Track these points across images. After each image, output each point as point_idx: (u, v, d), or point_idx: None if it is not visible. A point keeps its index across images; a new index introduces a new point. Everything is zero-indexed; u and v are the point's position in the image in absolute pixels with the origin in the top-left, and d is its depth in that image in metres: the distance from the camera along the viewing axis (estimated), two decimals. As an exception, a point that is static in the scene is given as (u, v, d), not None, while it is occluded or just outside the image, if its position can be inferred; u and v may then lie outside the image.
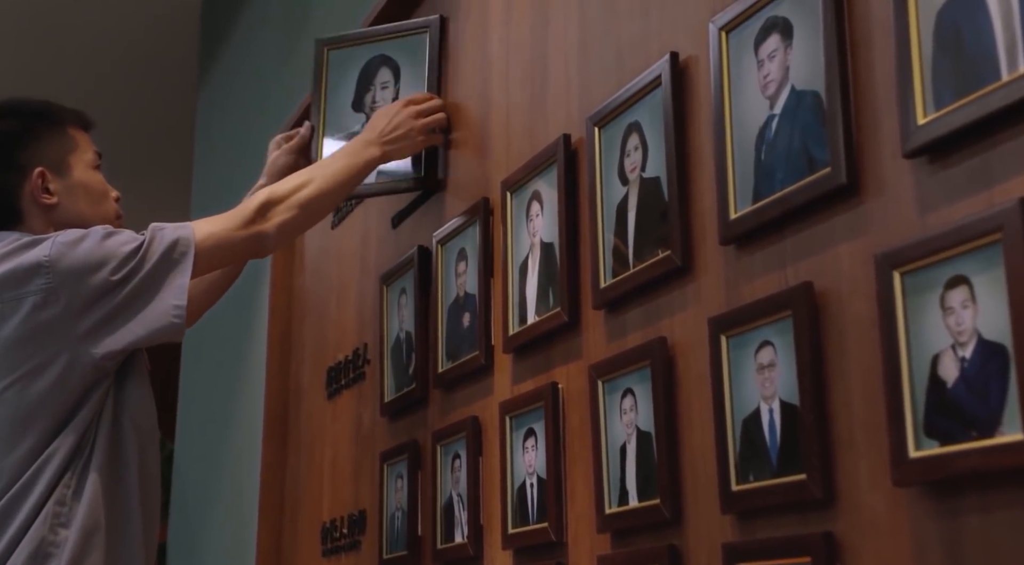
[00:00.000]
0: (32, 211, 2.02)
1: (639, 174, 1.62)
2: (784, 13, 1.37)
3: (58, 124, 2.09)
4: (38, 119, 2.08)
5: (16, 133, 2.05)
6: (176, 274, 1.91)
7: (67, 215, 2.03)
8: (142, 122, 5.70)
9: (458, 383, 2.12)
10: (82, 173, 2.06)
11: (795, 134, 1.33)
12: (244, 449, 3.37)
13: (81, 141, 2.10)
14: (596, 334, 1.70)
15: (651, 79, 1.61)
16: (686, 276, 1.51)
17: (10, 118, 2.08)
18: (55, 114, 2.10)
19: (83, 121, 2.14)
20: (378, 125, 2.17)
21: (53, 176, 2.03)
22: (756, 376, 1.34)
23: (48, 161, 2.03)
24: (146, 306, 1.89)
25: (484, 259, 2.04)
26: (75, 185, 2.05)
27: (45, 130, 2.06)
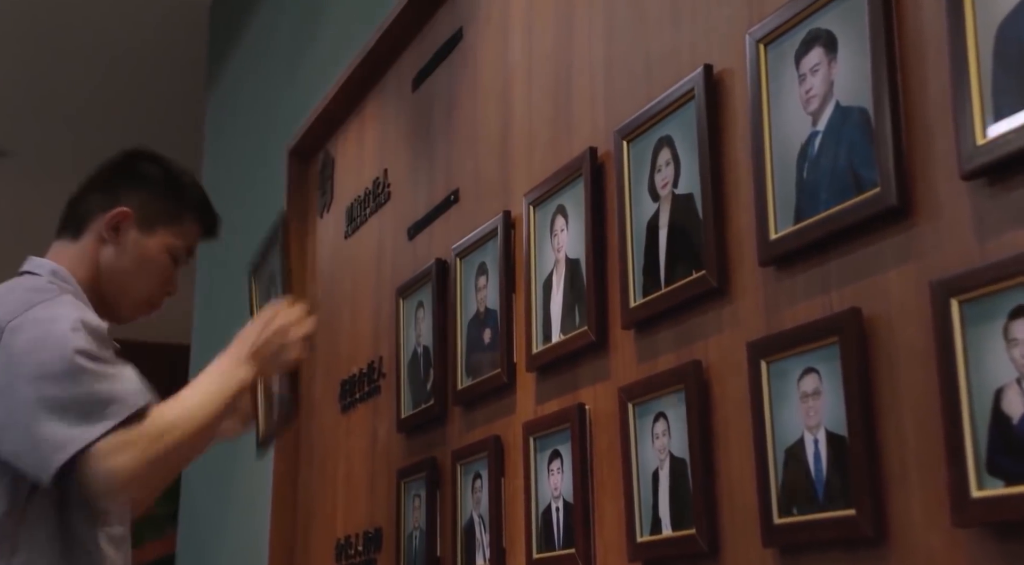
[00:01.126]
0: (92, 237, 1.92)
1: (671, 190, 1.57)
2: (827, 25, 1.32)
3: (182, 200, 1.97)
4: (171, 184, 1.97)
5: (141, 176, 1.95)
6: (75, 438, 1.66)
7: (111, 266, 1.92)
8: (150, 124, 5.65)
9: (478, 401, 2.06)
10: (158, 247, 1.94)
11: (840, 152, 1.27)
12: (255, 460, 3.31)
13: (186, 229, 1.98)
14: (625, 355, 1.65)
15: (684, 92, 1.55)
16: (722, 298, 1.46)
17: (154, 165, 1.99)
18: (189, 193, 1.99)
19: (208, 221, 2.02)
20: (248, 339, 1.91)
21: (133, 226, 1.92)
22: (799, 404, 1.29)
23: (141, 212, 1.92)
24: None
25: (506, 274, 1.99)
26: (142, 250, 1.93)
27: (166, 194, 1.96)
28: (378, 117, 2.77)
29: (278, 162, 3.41)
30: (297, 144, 3.22)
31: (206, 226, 2.03)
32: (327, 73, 3.09)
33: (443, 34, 2.42)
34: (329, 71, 3.07)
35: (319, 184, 3.15)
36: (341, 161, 3.01)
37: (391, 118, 2.67)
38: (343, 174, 2.98)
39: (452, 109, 2.33)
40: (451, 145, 2.32)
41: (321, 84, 3.11)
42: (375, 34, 2.66)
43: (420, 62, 2.52)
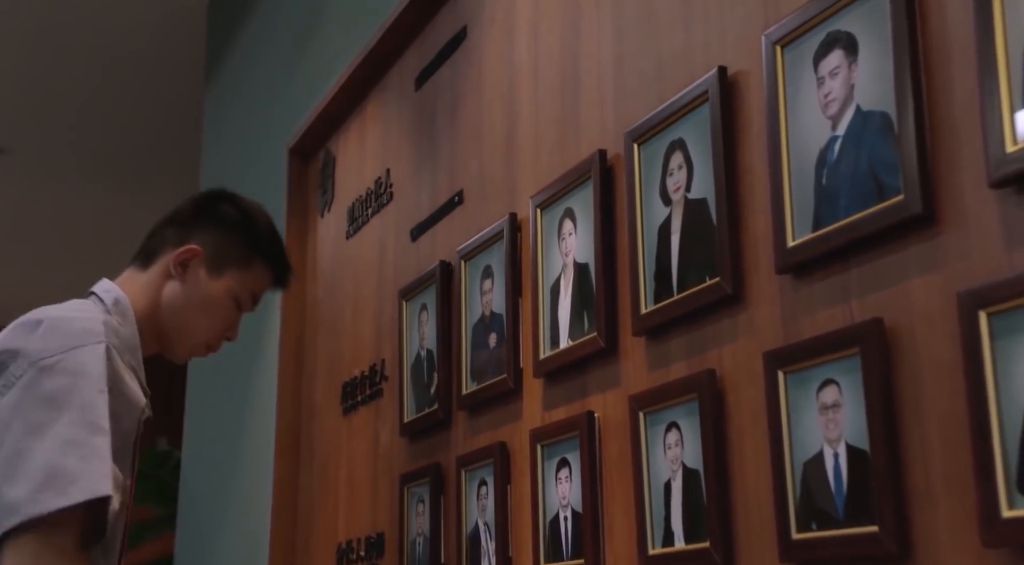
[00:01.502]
0: (159, 270, 1.84)
1: (683, 194, 1.54)
2: (847, 27, 1.28)
3: (254, 247, 1.89)
4: (245, 228, 1.89)
5: (217, 216, 1.88)
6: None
7: (173, 303, 1.83)
8: (149, 123, 5.61)
9: (484, 406, 2.03)
10: (223, 290, 1.86)
11: (861, 158, 1.24)
12: (255, 462, 3.28)
13: (255, 275, 1.89)
14: (636, 362, 1.62)
15: (697, 94, 1.52)
16: (737, 305, 1.42)
17: (232, 207, 1.91)
18: (262, 240, 1.91)
19: (279, 270, 1.94)
20: None
21: (201, 265, 1.84)
22: (818, 416, 1.25)
23: (211, 252, 1.85)
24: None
25: (512, 277, 1.95)
26: (207, 291, 1.85)
27: (239, 237, 1.87)
28: (380, 116, 2.73)
29: (278, 161, 3.37)
30: (297, 143, 3.19)
31: (276, 275, 1.94)
32: (328, 71, 3.05)
33: (446, 33, 2.38)
34: (330, 69, 3.04)
35: (320, 183, 3.11)
36: (342, 160, 2.97)
37: (393, 117, 2.64)
38: (344, 173, 2.95)
39: (456, 109, 2.30)
40: (455, 145, 2.28)
41: (322, 82, 3.07)
42: (377, 32, 2.63)
43: (423, 61, 2.48)
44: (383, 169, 2.66)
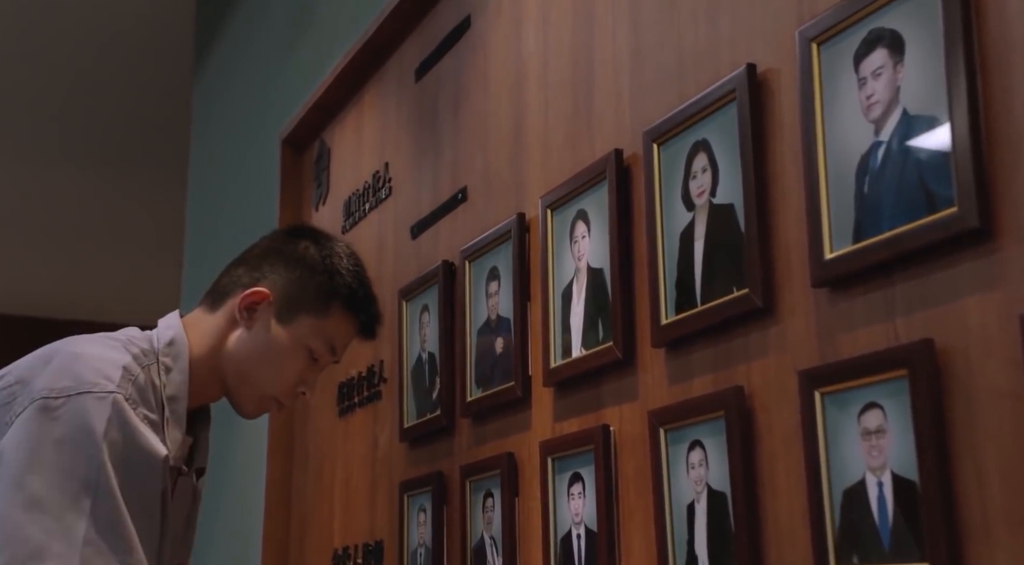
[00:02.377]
0: (226, 312, 1.66)
1: (708, 199, 1.45)
2: (892, 24, 1.20)
3: (334, 291, 1.67)
4: (325, 269, 1.67)
5: (293, 255, 1.68)
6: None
7: (236, 352, 1.65)
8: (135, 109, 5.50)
9: (490, 414, 1.94)
10: (293, 339, 1.65)
11: (908, 166, 1.15)
12: (247, 463, 3.19)
13: (333, 324, 1.67)
14: (655, 375, 1.53)
15: (724, 93, 1.43)
16: (767, 319, 1.34)
17: (312, 245, 1.70)
18: (343, 281, 1.68)
19: (364, 319, 1.71)
20: None
21: (270, 310, 1.65)
22: (860, 442, 1.17)
23: (282, 296, 1.65)
24: None
25: (520, 280, 1.87)
26: (275, 340, 1.65)
27: (317, 279, 1.67)
28: (378, 107, 2.64)
29: (271, 151, 3.28)
30: (291, 133, 3.09)
31: (361, 325, 1.71)
32: (323, 59, 2.96)
33: (449, 22, 2.29)
34: (325, 57, 2.94)
35: (314, 175, 3.02)
36: (338, 152, 2.88)
37: (392, 109, 2.54)
38: (340, 166, 2.85)
39: (459, 102, 2.20)
40: (458, 140, 2.19)
41: (317, 70, 2.98)
42: (376, 19, 2.53)
43: (424, 51, 2.39)
44: (381, 163, 2.56)
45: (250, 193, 3.57)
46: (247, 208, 3.61)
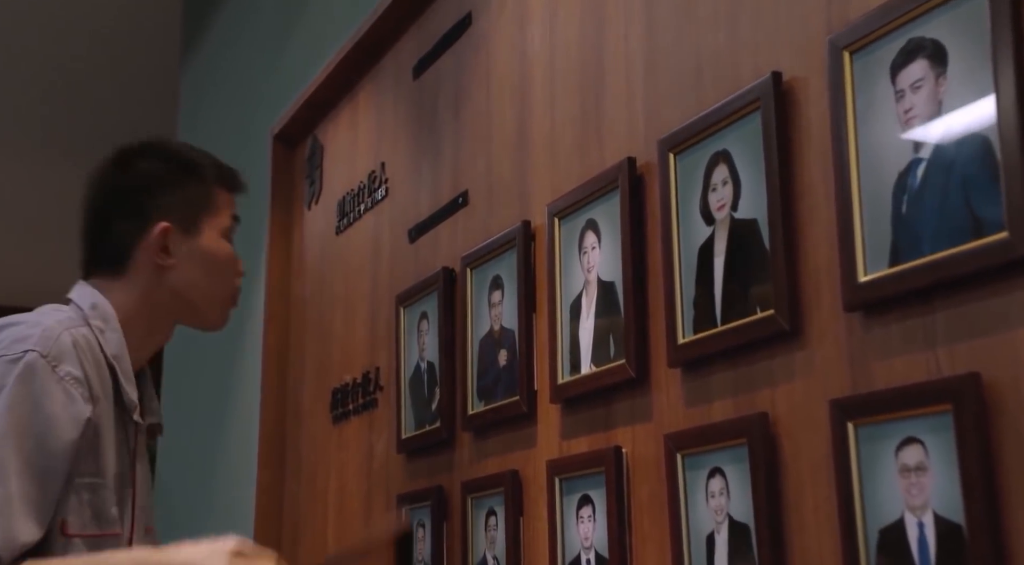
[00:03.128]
0: (142, 267, 1.69)
1: (729, 213, 1.38)
2: (932, 34, 1.13)
3: (202, 178, 1.75)
4: (181, 168, 1.75)
5: (152, 177, 1.73)
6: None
7: (179, 281, 1.70)
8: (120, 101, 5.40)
9: (492, 428, 1.87)
10: (212, 239, 1.73)
11: (952, 186, 1.08)
12: (237, 468, 3.12)
13: (221, 202, 1.76)
14: (671, 396, 1.46)
15: (746, 102, 1.36)
16: (794, 342, 1.27)
17: (152, 160, 1.75)
18: (201, 167, 1.76)
19: (231, 181, 1.80)
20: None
21: (178, 235, 1.70)
22: (898, 479, 1.10)
23: (177, 217, 1.71)
24: None
25: (526, 291, 1.79)
26: (200, 251, 1.72)
27: (185, 182, 1.73)
28: (374, 104, 2.56)
29: (261, 147, 3.19)
30: (283, 128, 3.01)
31: (233, 187, 1.82)
32: (317, 53, 2.87)
33: (449, 18, 2.21)
34: (319, 52, 2.86)
35: (307, 173, 2.94)
36: (331, 149, 2.80)
37: (389, 106, 2.46)
38: (334, 164, 2.77)
39: (459, 102, 2.13)
40: (459, 142, 2.11)
41: (311, 64, 2.89)
42: (372, 13, 2.45)
43: (422, 48, 2.31)
44: (377, 162, 2.49)
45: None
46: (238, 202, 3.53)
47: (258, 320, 3.01)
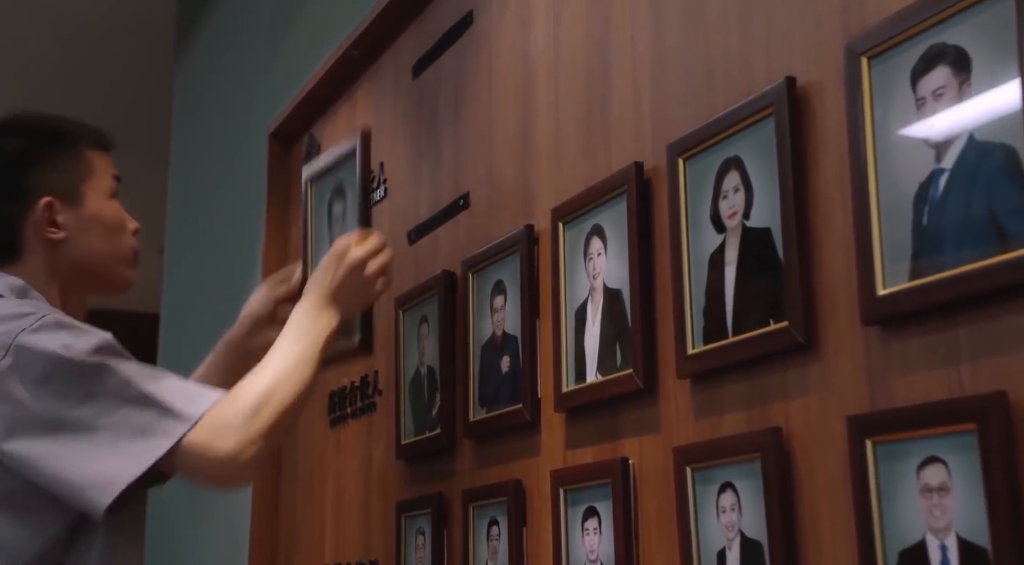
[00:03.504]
0: (35, 246, 1.71)
1: (740, 221, 1.34)
2: (955, 40, 1.09)
3: (72, 145, 1.76)
4: (49, 139, 1.75)
5: (21, 155, 1.73)
6: (130, 461, 1.50)
7: (76, 252, 1.72)
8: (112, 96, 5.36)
9: (495, 436, 1.84)
10: (97, 203, 1.75)
11: (976, 198, 1.05)
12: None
13: (98, 165, 1.78)
14: (680, 407, 1.43)
15: (759, 107, 1.32)
16: (808, 355, 1.24)
17: (15, 137, 1.75)
18: (69, 133, 1.77)
19: (102, 141, 1.81)
20: (323, 282, 1.76)
21: (62, 206, 1.72)
22: (919, 499, 1.07)
23: (57, 189, 1.72)
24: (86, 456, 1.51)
25: (529, 297, 1.76)
26: (88, 217, 1.74)
27: (56, 152, 1.74)
28: (372, 103, 2.52)
29: (257, 143, 3.16)
30: (279, 126, 2.97)
31: (103, 143, 1.82)
32: (314, 50, 2.84)
33: (449, 17, 2.17)
34: (316, 48, 2.82)
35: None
36: (328, 148, 2.76)
37: (388, 106, 2.43)
38: (331, 163, 2.73)
39: (460, 103, 2.09)
40: (460, 143, 2.08)
41: (308, 61, 2.86)
42: (371, 11, 2.41)
43: (422, 46, 2.27)
44: (376, 162, 2.44)
45: (235, 185, 3.46)
46: (233, 200, 3.49)
47: (254, 320, 2.97)
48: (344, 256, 1.77)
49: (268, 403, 1.56)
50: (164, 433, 1.51)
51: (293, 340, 1.68)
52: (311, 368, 1.66)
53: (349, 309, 1.79)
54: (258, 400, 1.56)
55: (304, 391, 1.64)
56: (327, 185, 2.12)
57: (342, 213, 2.05)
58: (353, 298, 1.78)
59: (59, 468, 1.50)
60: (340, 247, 1.79)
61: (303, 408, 1.67)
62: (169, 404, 1.53)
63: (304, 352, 1.66)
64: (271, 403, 1.57)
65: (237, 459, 1.51)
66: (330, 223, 2.08)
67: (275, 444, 1.61)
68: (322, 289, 1.76)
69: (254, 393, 1.57)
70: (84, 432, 1.50)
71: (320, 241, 2.09)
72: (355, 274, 1.77)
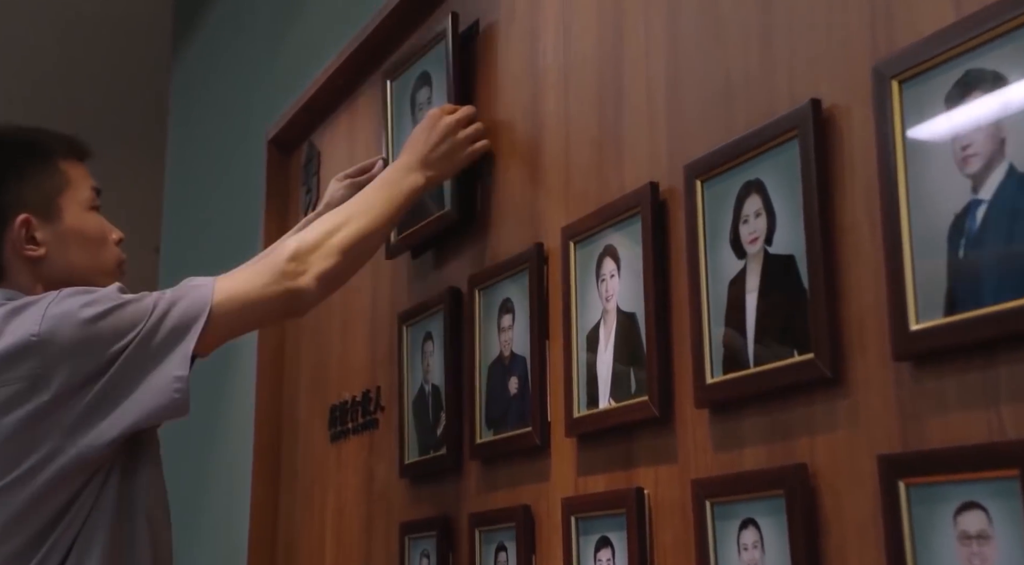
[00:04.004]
0: (15, 265, 1.69)
1: (762, 247, 1.30)
2: (994, 66, 1.05)
3: (46, 158, 1.72)
4: (20, 153, 1.72)
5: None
6: (182, 343, 1.58)
7: (58, 267, 1.69)
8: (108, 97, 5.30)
9: (503, 459, 1.79)
10: (76, 216, 1.71)
11: (1018, 231, 1.00)
12: (230, 481, 3.03)
13: (74, 176, 1.73)
14: (697, 438, 1.38)
15: (782, 129, 1.28)
16: (836, 389, 1.19)
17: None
18: (41, 145, 1.74)
19: (77, 151, 1.77)
20: (416, 147, 1.86)
21: (40, 222, 1.68)
22: (957, 546, 1.02)
23: (34, 204, 1.68)
24: (142, 383, 1.57)
25: (539, 316, 1.71)
26: (67, 232, 1.70)
27: (29, 166, 1.70)
28: (373, 112, 2.46)
29: (256, 150, 3.11)
30: (279, 133, 2.92)
31: (78, 153, 1.77)
32: (315, 56, 2.79)
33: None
34: (317, 54, 2.77)
35: (303, 180, 2.85)
36: (329, 156, 2.71)
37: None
38: (331, 171, 2.67)
39: (466, 113, 2.04)
40: (465, 155, 2.02)
41: (308, 67, 2.81)
42: (374, 18, 2.36)
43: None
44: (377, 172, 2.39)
45: (233, 191, 3.40)
46: (230, 207, 3.44)
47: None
48: (438, 120, 1.86)
49: (341, 228, 1.71)
50: (196, 300, 1.61)
51: (376, 188, 1.81)
52: (387, 209, 1.77)
53: (440, 171, 1.85)
54: (332, 226, 1.71)
55: (378, 224, 1.75)
56: (410, 75, 2.14)
57: (427, 98, 2.08)
58: (445, 160, 1.85)
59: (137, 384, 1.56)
60: (434, 113, 1.88)
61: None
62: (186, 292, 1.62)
63: (382, 197, 1.78)
64: (344, 227, 1.71)
65: (295, 280, 1.65)
66: (413, 111, 2.11)
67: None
68: (414, 151, 1.84)
69: (328, 221, 1.72)
70: (137, 355, 1.56)
71: (401, 132, 2.14)
72: (448, 136, 1.85)
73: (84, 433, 1.55)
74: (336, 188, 2.11)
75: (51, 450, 1.55)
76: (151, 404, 1.57)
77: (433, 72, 2.06)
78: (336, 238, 1.71)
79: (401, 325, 2.14)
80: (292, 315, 1.76)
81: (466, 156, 1.89)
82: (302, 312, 1.75)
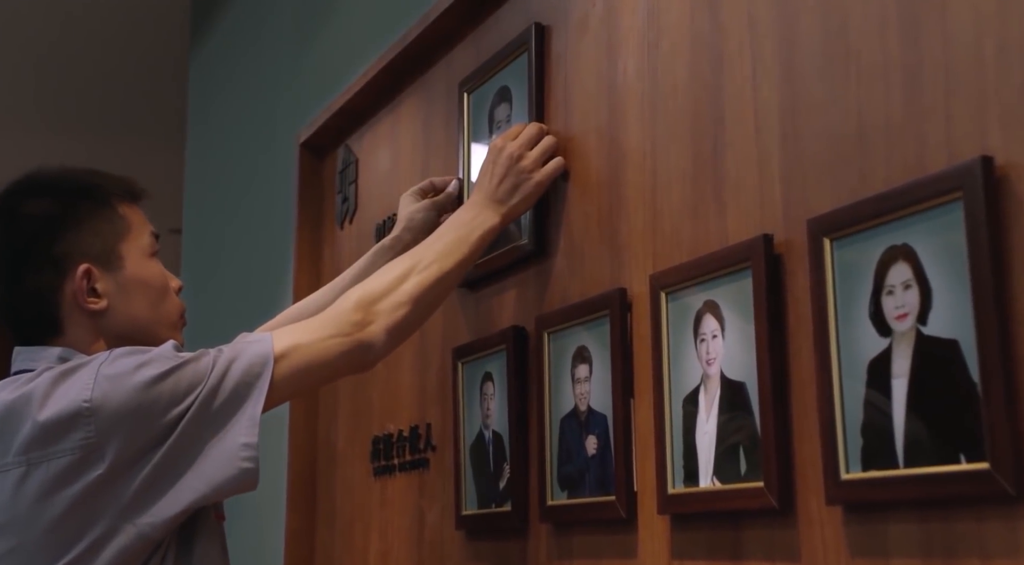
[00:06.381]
0: (74, 318, 1.53)
1: (914, 326, 1.10)
2: None
3: (104, 202, 1.57)
4: (79, 197, 1.56)
5: (52, 219, 1.54)
6: (247, 405, 1.42)
7: (120, 321, 1.55)
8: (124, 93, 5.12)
9: (579, 527, 1.61)
10: (137, 265, 1.58)
11: None
12: (263, 509, 2.86)
13: (134, 221, 1.60)
14: (828, 538, 1.20)
15: (940, 190, 1.08)
16: (1015, 506, 1.00)
17: (43, 198, 1.56)
18: (99, 189, 1.58)
19: (132, 193, 1.62)
20: (482, 183, 1.72)
21: (101, 272, 1.54)
22: None
23: (94, 253, 1.54)
24: (205, 452, 1.41)
25: (623, 372, 1.52)
26: (129, 282, 1.57)
27: (88, 212, 1.56)
28: (420, 118, 2.27)
29: (285, 154, 2.91)
30: (312, 136, 2.72)
31: (133, 195, 1.64)
32: (353, 55, 2.59)
33: (513, 30, 1.92)
34: (355, 53, 2.58)
35: (339, 187, 2.65)
36: (368, 164, 2.52)
37: (439, 124, 2.17)
38: (371, 181, 2.49)
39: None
40: (529, 179, 1.83)
41: (347, 66, 2.62)
42: (424, 18, 2.16)
43: (481, 59, 2.02)
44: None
45: (261, 197, 3.22)
46: (258, 209, 3.26)
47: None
48: (500, 152, 1.72)
49: (411, 274, 1.60)
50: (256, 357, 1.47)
51: (447, 230, 1.69)
52: (458, 254, 1.65)
53: (513, 206, 1.71)
54: (401, 272, 1.60)
55: (449, 270, 1.64)
56: (488, 90, 1.97)
57: (507, 116, 1.91)
58: (514, 193, 1.70)
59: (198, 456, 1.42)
60: (496, 145, 1.74)
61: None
62: (244, 348, 1.49)
63: (451, 241, 1.66)
64: (413, 274, 1.60)
65: (362, 331, 1.54)
66: (491, 129, 1.95)
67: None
68: (480, 188, 1.72)
69: (396, 267, 1.62)
70: (199, 417, 1.42)
71: (479, 151, 1.97)
72: (512, 167, 1.70)
73: (143, 510, 1.39)
74: (415, 209, 1.94)
75: (107, 530, 1.38)
76: (217, 477, 1.41)
77: (514, 87, 1.87)
78: (406, 286, 1.59)
79: (456, 361, 1.96)
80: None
81: (535, 185, 1.71)
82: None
